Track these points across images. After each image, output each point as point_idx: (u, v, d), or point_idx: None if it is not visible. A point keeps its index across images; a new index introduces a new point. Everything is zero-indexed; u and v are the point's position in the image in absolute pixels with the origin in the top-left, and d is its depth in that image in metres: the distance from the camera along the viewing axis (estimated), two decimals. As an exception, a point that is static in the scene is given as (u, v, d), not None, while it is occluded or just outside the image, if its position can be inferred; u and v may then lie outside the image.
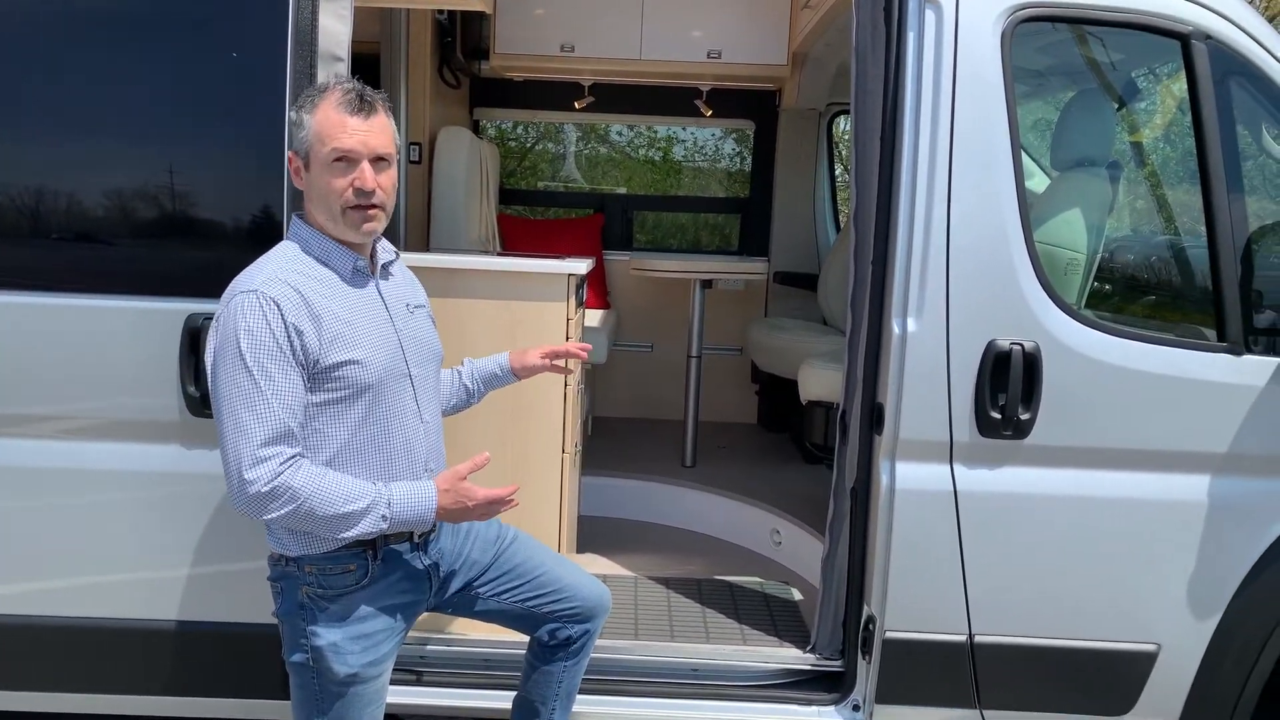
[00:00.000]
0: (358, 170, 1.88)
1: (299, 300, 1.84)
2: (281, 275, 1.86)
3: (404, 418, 1.98)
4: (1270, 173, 2.66)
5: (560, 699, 2.29)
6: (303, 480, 1.80)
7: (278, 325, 1.80)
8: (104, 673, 2.55)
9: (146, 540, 2.49)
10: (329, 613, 1.94)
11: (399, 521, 1.88)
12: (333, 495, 1.82)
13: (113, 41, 2.37)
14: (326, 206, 1.91)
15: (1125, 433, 2.43)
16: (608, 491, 3.93)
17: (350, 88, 1.91)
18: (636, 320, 5.22)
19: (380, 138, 1.91)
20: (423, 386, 2.04)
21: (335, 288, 1.93)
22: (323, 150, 1.88)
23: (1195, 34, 2.39)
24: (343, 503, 1.82)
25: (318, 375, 1.86)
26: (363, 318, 1.94)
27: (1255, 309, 2.45)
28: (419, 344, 2.05)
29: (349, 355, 1.88)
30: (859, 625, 2.60)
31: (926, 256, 2.41)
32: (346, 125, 1.87)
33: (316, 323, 1.85)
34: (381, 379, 1.93)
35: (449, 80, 4.48)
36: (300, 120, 1.92)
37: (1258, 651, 2.49)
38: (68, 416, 2.47)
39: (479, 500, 1.92)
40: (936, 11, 2.39)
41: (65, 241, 2.43)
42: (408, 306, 2.07)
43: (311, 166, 1.91)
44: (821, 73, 4.88)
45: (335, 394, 1.88)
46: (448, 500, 1.90)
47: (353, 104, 1.88)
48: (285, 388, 1.80)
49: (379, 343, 1.94)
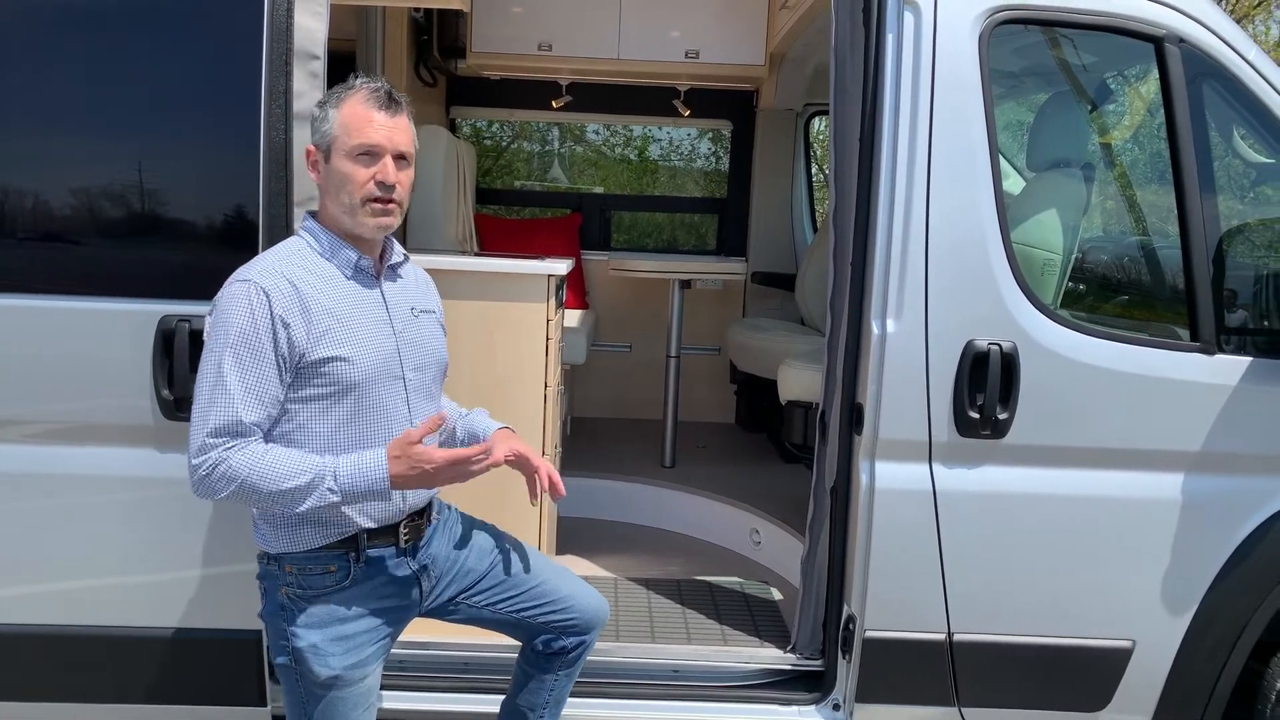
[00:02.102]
0: (380, 164, 1.92)
1: (292, 293, 1.86)
2: (279, 267, 1.89)
3: (392, 419, 1.96)
4: (1241, 174, 2.70)
5: (550, 706, 2.27)
6: (241, 459, 1.80)
7: (263, 317, 1.82)
8: (79, 682, 2.50)
9: (120, 546, 2.45)
10: (309, 614, 1.92)
11: (351, 494, 1.83)
12: (274, 472, 1.80)
13: (85, 38, 2.32)
14: (346, 198, 1.93)
15: (1101, 431, 2.46)
16: (587, 493, 3.92)
17: (379, 85, 1.95)
18: (615, 320, 5.21)
19: (404, 136, 1.96)
20: (417, 390, 2.02)
21: (335, 284, 1.93)
22: (348, 143, 1.91)
23: (1169, 37, 2.42)
24: (284, 479, 1.80)
25: (304, 369, 1.86)
26: (358, 316, 1.93)
27: (1227, 309, 2.48)
28: (418, 348, 2.03)
29: (336, 351, 1.87)
30: (839, 625, 2.61)
31: (905, 257, 2.42)
32: (374, 120, 1.91)
33: (307, 316, 1.86)
34: (370, 378, 1.91)
35: (425, 79, 4.45)
36: (325, 114, 1.95)
37: (1230, 647, 2.52)
38: (38, 420, 2.42)
39: (440, 463, 1.85)
40: (915, 13, 2.40)
41: (34, 242, 2.38)
42: (412, 310, 2.06)
43: (332, 158, 1.93)
44: (799, 73, 4.90)
45: (321, 389, 1.88)
46: (400, 467, 1.84)
47: (381, 101, 1.93)
48: (254, 380, 1.82)
49: (371, 342, 1.93)
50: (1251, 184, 2.71)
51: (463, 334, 2.77)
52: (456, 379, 2.76)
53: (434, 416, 1.90)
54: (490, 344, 2.80)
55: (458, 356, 2.77)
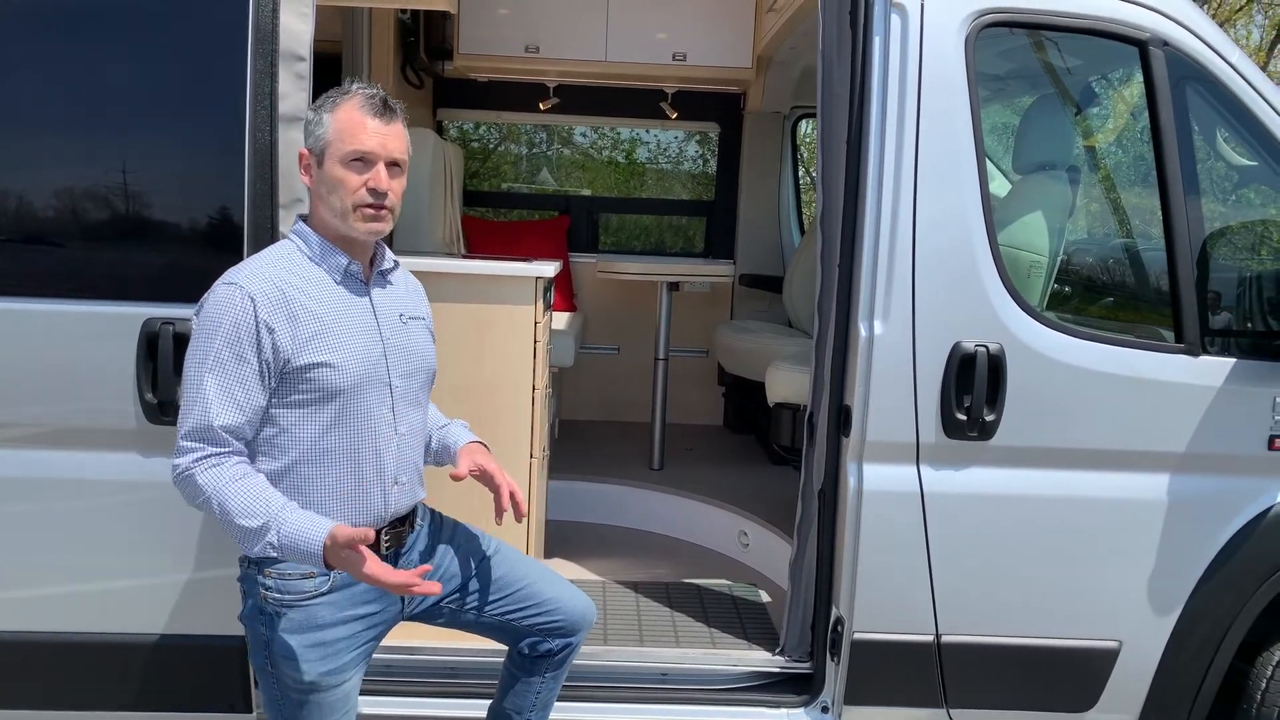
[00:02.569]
0: (373, 171, 1.91)
1: (279, 297, 1.85)
2: (267, 272, 1.88)
3: (377, 427, 1.95)
4: (1224, 177, 2.72)
5: (537, 709, 2.26)
6: (208, 479, 1.79)
7: (246, 321, 1.81)
8: (62, 689, 2.47)
9: (104, 551, 2.43)
10: (287, 618, 1.90)
11: (289, 553, 1.78)
12: (231, 504, 1.78)
13: (69, 38, 2.30)
14: (337, 202, 1.92)
15: (1087, 433, 2.47)
16: (575, 495, 3.91)
17: (374, 92, 1.95)
18: (603, 323, 5.21)
19: (398, 143, 1.95)
20: (403, 398, 2.00)
21: (323, 289, 1.92)
22: (342, 148, 1.90)
23: (1153, 40, 2.44)
24: (239, 514, 1.77)
25: (289, 375, 1.85)
26: (345, 321, 1.92)
27: (1211, 311, 2.50)
28: (406, 355, 2.02)
29: (322, 357, 1.86)
30: (827, 627, 2.61)
31: (893, 260, 2.43)
32: (368, 126, 1.90)
33: (293, 322, 1.85)
34: (356, 384, 1.90)
35: (412, 81, 4.44)
36: (320, 119, 1.94)
37: (1216, 647, 2.53)
38: (21, 424, 2.39)
39: (366, 578, 1.77)
40: (902, 16, 2.41)
41: (17, 244, 2.36)
42: (401, 317, 2.04)
43: (325, 163, 1.92)
44: (786, 76, 4.90)
45: (306, 395, 1.87)
46: (335, 560, 1.77)
47: (376, 107, 1.92)
48: (233, 385, 1.81)
49: (358, 348, 1.92)
50: (1234, 186, 2.73)
51: (450, 336, 2.75)
52: (444, 381, 2.75)
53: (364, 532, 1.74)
54: (478, 346, 2.79)
55: (445, 359, 2.75)
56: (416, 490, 2.08)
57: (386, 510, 1.98)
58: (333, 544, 1.74)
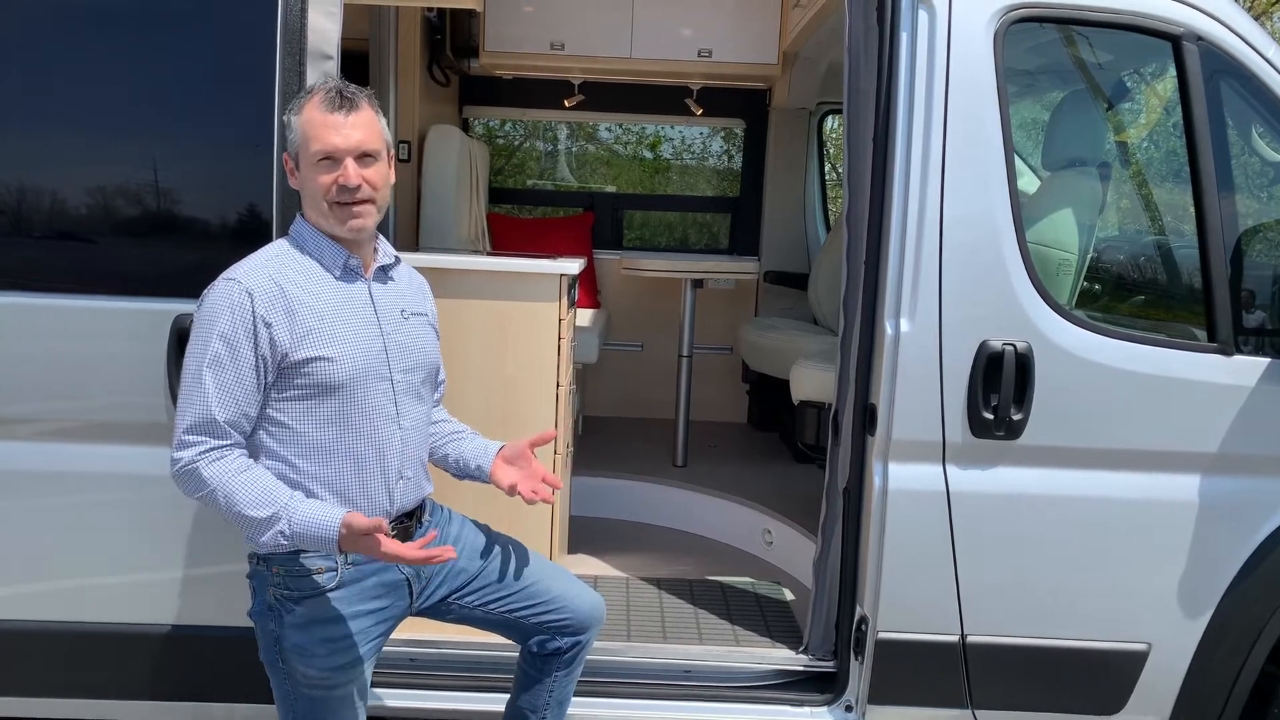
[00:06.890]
0: (341, 168, 1.90)
1: (276, 292, 1.86)
2: (265, 267, 1.90)
3: (379, 421, 1.95)
4: (1259, 173, 2.67)
5: (552, 708, 2.27)
6: (213, 471, 1.81)
7: (244, 316, 1.83)
8: (89, 678, 2.52)
9: (132, 543, 2.46)
10: (296, 614, 1.92)
11: (301, 540, 1.81)
12: (239, 496, 1.80)
13: (99, 38, 2.34)
14: (316, 204, 1.94)
15: (1117, 433, 2.44)
16: (599, 492, 3.92)
17: (331, 86, 1.93)
18: (627, 319, 5.21)
19: (364, 132, 1.92)
20: (405, 392, 2.01)
21: (321, 284, 1.94)
22: (308, 150, 1.91)
23: (1186, 35, 2.40)
24: (248, 505, 1.79)
25: (287, 369, 1.87)
26: (343, 316, 1.93)
27: (1245, 309, 2.46)
28: (407, 350, 2.03)
29: (320, 351, 1.87)
30: (851, 626, 2.60)
31: (919, 257, 2.41)
32: (328, 123, 1.89)
33: (290, 316, 1.86)
34: (355, 378, 1.91)
35: (438, 78, 4.46)
36: (289, 123, 1.95)
37: (1248, 650, 2.50)
38: (54, 418, 2.43)
39: (386, 556, 1.79)
40: (929, 12, 2.39)
41: (51, 241, 2.40)
42: (402, 312, 2.05)
43: (301, 167, 1.95)
44: (812, 72, 4.88)
45: (305, 389, 1.88)
46: (349, 546, 1.79)
47: (333, 102, 1.90)
48: (231, 379, 1.83)
49: (356, 342, 1.93)
50: (1269, 183, 2.68)
51: (475, 333, 2.77)
52: (469, 378, 2.77)
53: (379, 522, 1.77)
54: (502, 343, 2.80)
55: (470, 355, 2.77)
56: (423, 485, 2.09)
57: (392, 505, 1.99)
58: (348, 531, 1.77)
